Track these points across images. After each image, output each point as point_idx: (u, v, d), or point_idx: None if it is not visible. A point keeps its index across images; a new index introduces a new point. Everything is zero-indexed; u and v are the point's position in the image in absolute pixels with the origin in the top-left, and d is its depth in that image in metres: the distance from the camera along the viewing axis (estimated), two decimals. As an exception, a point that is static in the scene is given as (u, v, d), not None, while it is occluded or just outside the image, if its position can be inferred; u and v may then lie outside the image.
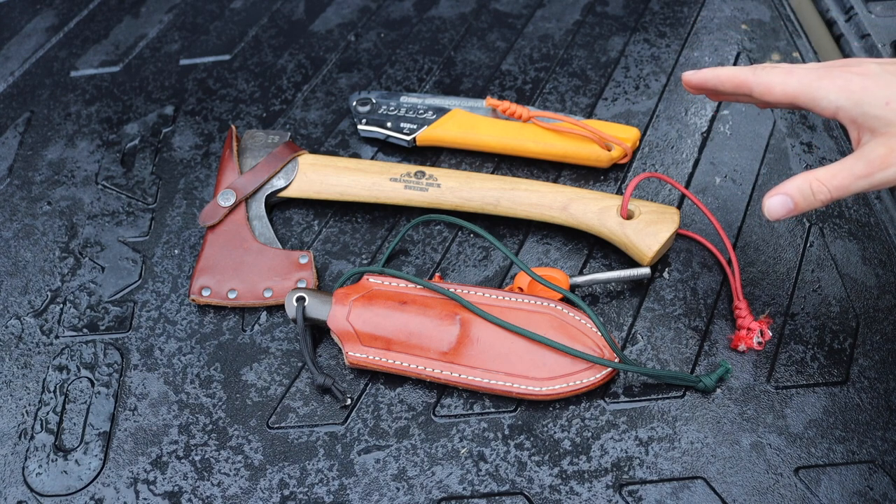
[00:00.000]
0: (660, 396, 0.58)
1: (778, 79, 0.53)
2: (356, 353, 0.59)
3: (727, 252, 0.65)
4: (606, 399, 0.58)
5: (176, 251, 0.69)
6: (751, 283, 0.63)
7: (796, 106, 0.53)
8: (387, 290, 0.61)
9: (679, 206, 0.69)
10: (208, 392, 0.61)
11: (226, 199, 0.68)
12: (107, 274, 0.68)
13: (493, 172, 0.73)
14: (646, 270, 0.62)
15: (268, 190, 0.70)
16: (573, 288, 0.63)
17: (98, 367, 0.63)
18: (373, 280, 0.62)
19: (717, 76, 0.57)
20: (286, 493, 0.55)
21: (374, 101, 0.77)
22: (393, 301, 0.60)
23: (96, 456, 0.58)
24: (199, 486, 0.56)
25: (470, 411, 0.58)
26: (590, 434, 0.56)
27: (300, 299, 0.60)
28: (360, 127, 0.75)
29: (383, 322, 0.59)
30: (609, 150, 0.70)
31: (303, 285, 0.64)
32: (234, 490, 0.56)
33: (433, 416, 0.58)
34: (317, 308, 0.60)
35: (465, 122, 0.73)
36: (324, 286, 0.66)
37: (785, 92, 0.53)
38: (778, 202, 0.52)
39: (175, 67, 0.86)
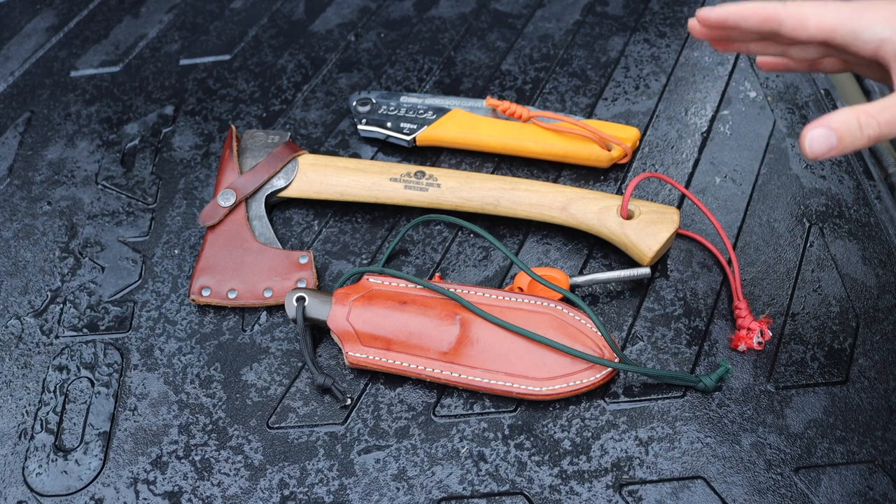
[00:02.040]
0: (660, 396, 0.58)
1: (813, 10, 0.47)
2: (356, 353, 0.59)
3: (727, 252, 0.65)
4: (606, 399, 0.58)
5: (176, 251, 0.69)
6: (751, 283, 0.63)
7: (831, 43, 0.47)
8: (387, 290, 0.61)
9: (679, 206, 0.69)
10: (208, 392, 0.61)
11: (226, 199, 0.68)
12: (107, 274, 0.68)
13: (493, 172, 0.73)
14: (646, 270, 0.62)
15: (268, 190, 0.70)
16: (573, 288, 0.63)
17: (98, 367, 0.63)
18: (373, 280, 0.62)
19: (741, 11, 0.50)
20: (286, 493, 0.55)
21: (374, 101, 0.77)
22: (393, 301, 0.60)
23: (96, 456, 0.58)
24: (199, 486, 0.56)
25: (470, 411, 0.58)
26: (590, 434, 0.56)
27: (300, 299, 0.60)
28: (360, 127, 0.75)
29: (383, 322, 0.59)
30: (609, 150, 0.70)
31: (303, 285, 0.64)
32: (234, 490, 0.56)
33: (433, 416, 0.58)
34: (317, 308, 0.60)
35: (465, 122, 0.73)
36: (324, 286, 0.66)
37: (821, 25, 0.47)
38: (820, 136, 0.45)
39: (175, 67, 0.86)
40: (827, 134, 0.45)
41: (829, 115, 0.45)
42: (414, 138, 0.74)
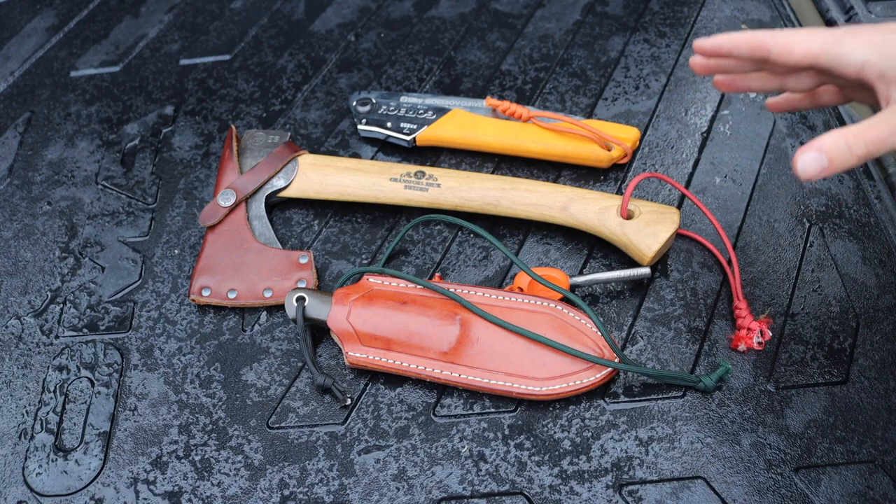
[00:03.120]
0: (660, 396, 0.58)
1: (799, 38, 0.49)
2: (356, 353, 0.59)
3: (727, 252, 0.65)
4: (606, 399, 0.58)
5: (176, 251, 0.69)
6: (751, 283, 0.63)
7: (817, 67, 0.49)
8: (387, 290, 0.61)
9: (679, 206, 0.69)
10: (208, 392, 0.61)
11: (226, 199, 0.68)
12: (107, 274, 0.68)
13: (493, 172, 0.73)
14: (646, 270, 0.62)
15: (268, 190, 0.70)
16: (573, 288, 0.63)
17: (98, 367, 0.63)
18: (373, 280, 0.62)
19: (732, 39, 0.52)
20: (286, 493, 0.55)
21: (374, 101, 0.77)
22: (393, 301, 0.60)
23: (96, 456, 0.58)
24: (199, 486, 0.56)
25: (470, 411, 0.58)
26: (590, 434, 0.56)
27: (300, 299, 0.60)
28: (360, 127, 0.75)
29: (383, 322, 0.59)
30: (609, 150, 0.70)
31: (303, 285, 0.64)
32: (234, 490, 0.56)
33: (433, 416, 0.58)
34: (317, 308, 0.60)
35: (465, 122, 0.73)
36: (324, 286, 0.66)
37: (807, 51, 0.49)
38: (811, 159, 0.47)
39: (175, 67, 0.86)
40: (818, 157, 0.47)
41: (819, 137, 0.47)
42: (414, 138, 0.74)
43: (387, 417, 0.58)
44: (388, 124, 0.74)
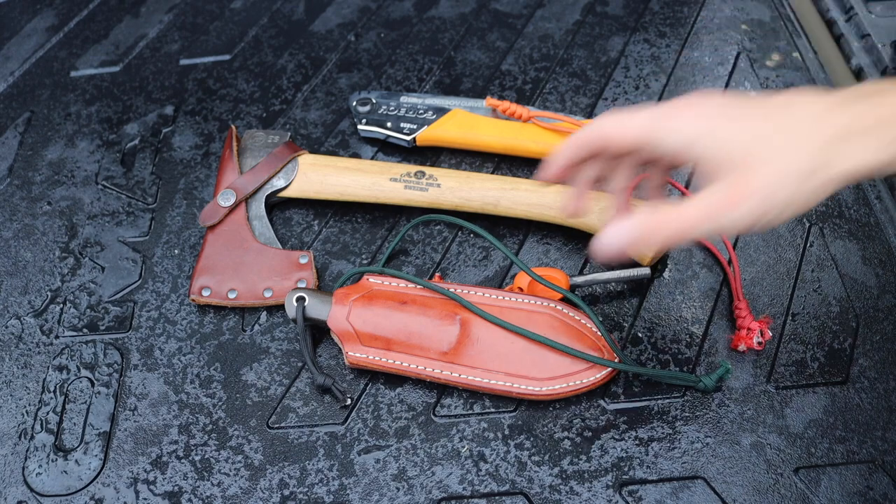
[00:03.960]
0: (660, 396, 0.58)
1: (615, 123, 0.49)
2: (356, 353, 0.59)
3: (727, 252, 0.65)
4: (606, 399, 0.58)
5: (176, 251, 0.69)
6: (751, 283, 0.63)
7: (642, 149, 0.49)
8: (387, 290, 0.61)
9: (679, 206, 0.69)
10: (208, 392, 0.61)
11: (226, 199, 0.68)
12: (107, 274, 0.68)
13: (493, 172, 0.73)
14: (646, 270, 0.62)
15: (268, 190, 0.70)
16: (573, 288, 0.63)
17: (98, 367, 0.63)
18: (373, 280, 0.62)
19: (568, 146, 0.53)
20: (286, 493, 0.55)
21: (374, 101, 0.77)
22: (393, 301, 0.60)
23: (96, 456, 0.58)
24: (199, 486, 0.56)
25: (470, 411, 0.58)
26: (590, 434, 0.56)
27: (300, 299, 0.60)
28: (360, 127, 0.75)
29: (383, 322, 0.59)
30: (609, 150, 0.70)
31: (303, 285, 0.64)
32: (234, 490, 0.56)
33: (433, 416, 0.58)
34: (317, 308, 0.60)
35: (465, 122, 0.73)
36: (324, 286, 0.66)
37: (624, 137, 0.49)
38: (610, 241, 0.47)
39: (175, 67, 0.86)
40: (616, 242, 0.47)
41: (622, 222, 0.47)
42: (414, 138, 0.74)
43: (387, 417, 0.58)
44: (388, 124, 0.74)
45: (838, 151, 0.42)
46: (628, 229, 0.47)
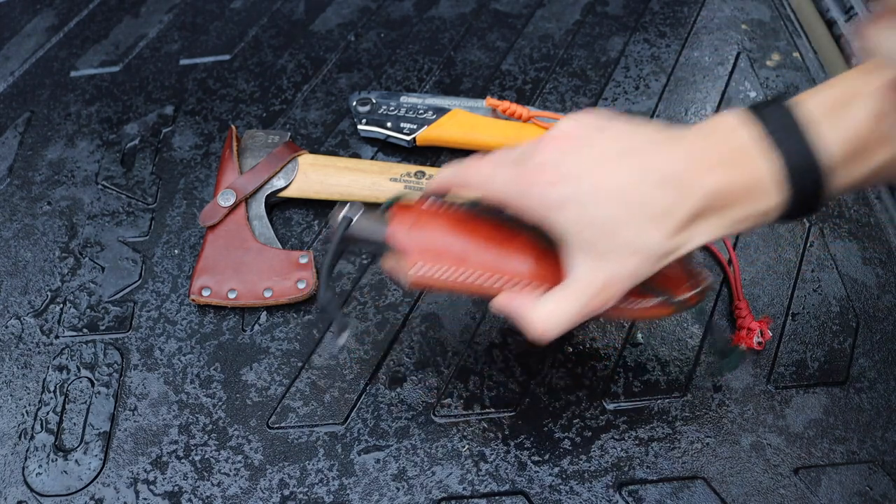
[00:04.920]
0: (660, 396, 0.58)
1: (480, 178, 0.46)
2: (420, 272, 0.50)
3: (727, 252, 0.65)
4: (606, 399, 0.58)
5: (176, 251, 0.69)
6: (751, 283, 0.63)
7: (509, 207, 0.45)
8: (445, 211, 0.52)
9: (679, 206, 0.69)
10: (208, 392, 0.61)
11: (226, 199, 0.68)
12: (107, 274, 0.68)
13: (493, 172, 0.73)
14: None
15: (268, 190, 0.70)
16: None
17: (98, 367, 0.63)
18: (428, 204, 0.53)
19: (431, 188, 0.51)
20: (286, 493, 0.55)
21: (374, 101, 0.77)
22: (459, 219, 0.51)
23: (96, 456, 0.58)
24: (199, 486, 0.56)
25: (470, 411, 0.58)
26: (590, 434, 0.56)
27: (346, 219, 0.51)
28: (360, 127, 0.75)
29: (451, 239, 0.50)
30: (609, 150, 0.70)
31: (302, 286, 0.64)
32: (234, 490, 0.56)
33: (433, 416, 0.58)
34: (369, 228, 0.51)
35: (465, 122, 0.73)
36: (324, 286, 0.66)
37: (488, 195, 0.46)
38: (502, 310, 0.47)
39: (175, 67, 0.86)
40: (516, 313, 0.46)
41: (497, 299, 0.47)
42: (414, 138, 0.74)
43: (387, 417, 0.58)
44: (388, 124, 0.74)
45: (689, 237, 0.43)
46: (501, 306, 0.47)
